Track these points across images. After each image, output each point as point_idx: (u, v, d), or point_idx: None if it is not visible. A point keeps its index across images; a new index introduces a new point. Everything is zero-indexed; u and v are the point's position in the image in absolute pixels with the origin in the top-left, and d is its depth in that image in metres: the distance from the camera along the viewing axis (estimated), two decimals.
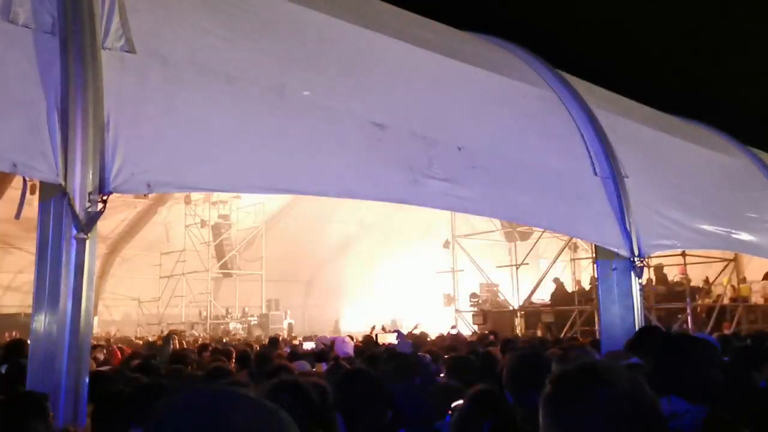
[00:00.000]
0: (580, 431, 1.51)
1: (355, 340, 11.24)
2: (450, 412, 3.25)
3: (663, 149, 10.66)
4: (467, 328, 18.12)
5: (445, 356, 6.80)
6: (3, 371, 5.60)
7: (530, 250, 18.38)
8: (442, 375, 5.49)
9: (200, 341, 14.52)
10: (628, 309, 8.21)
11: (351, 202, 14.99)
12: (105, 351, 8.51)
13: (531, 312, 17.41)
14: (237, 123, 5.27)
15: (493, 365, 5.16)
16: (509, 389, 3.32)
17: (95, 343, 9.01)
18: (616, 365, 1.76)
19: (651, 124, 11.15)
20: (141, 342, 15.26)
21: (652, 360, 2.94)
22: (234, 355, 7.79)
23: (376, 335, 14.02)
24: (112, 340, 15.26)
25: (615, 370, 1.60)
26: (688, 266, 15.16)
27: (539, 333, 15.07)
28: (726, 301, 16.20)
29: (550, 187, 7.91)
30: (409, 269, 23.17)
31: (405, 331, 13.94)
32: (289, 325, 22.03)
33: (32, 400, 3.24)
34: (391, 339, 12.58)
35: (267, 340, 12.05)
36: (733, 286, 16.59)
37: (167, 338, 10.42)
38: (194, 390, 1.14)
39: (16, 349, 6.08)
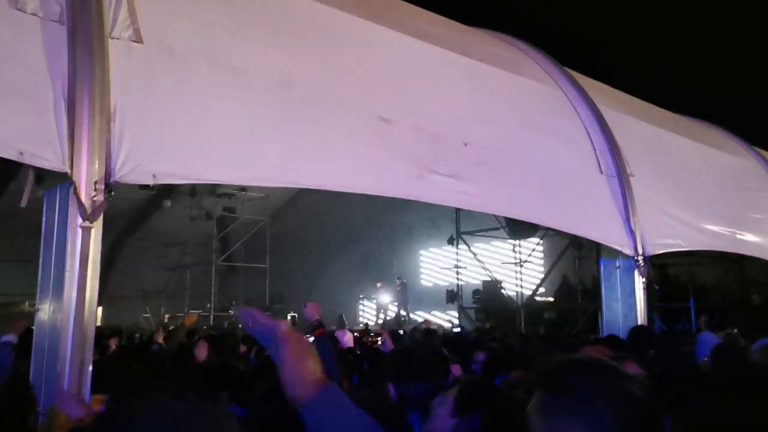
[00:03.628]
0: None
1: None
2: None
3: (669, 148, 10.62)
4: (470, 324, 18.10)
5: None
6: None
7: (534, 248, 18.36)
8: None
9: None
10: (631, 308, 8.21)
11: (356, 197, 14.97)
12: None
13: (534, 309, 17.40)
14: (243, 115, 5.27)
15: None
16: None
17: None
18: (612, 361, 1.50)
19: (657, 123, 11.12)
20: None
21: None
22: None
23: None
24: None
25: (615, 366, 1.39)
26: (692, 266, 15.12)
27: (542, 330, 15.05)
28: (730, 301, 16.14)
29: (556, 184, 7.90)
30: (413, 265, 23.21)
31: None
32: (293, 318, 22.03)
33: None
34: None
35: None
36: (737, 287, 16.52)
37: (174, 330, 10.41)
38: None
39: (29, 338, 6.05)
